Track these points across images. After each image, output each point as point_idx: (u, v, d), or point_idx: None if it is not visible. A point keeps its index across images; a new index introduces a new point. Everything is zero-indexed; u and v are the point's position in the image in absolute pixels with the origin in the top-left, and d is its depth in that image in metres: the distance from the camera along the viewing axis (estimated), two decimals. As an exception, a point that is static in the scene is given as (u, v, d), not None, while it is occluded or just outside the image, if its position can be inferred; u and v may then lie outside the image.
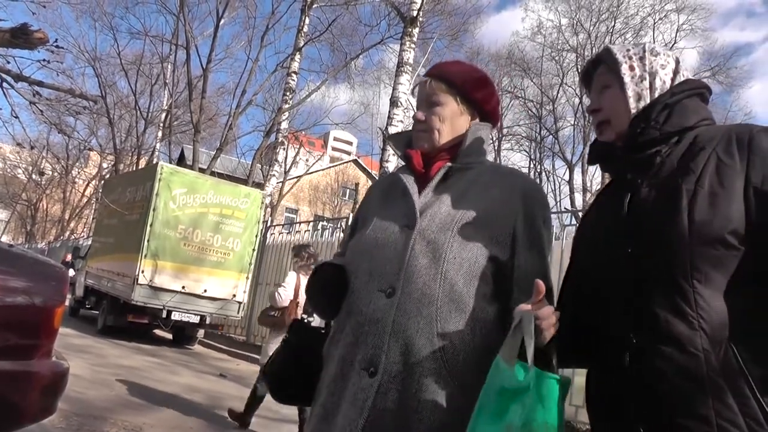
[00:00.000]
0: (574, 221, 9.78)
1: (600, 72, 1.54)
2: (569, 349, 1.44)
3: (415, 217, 1.55)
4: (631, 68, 1.47)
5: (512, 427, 1.25)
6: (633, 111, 1.44)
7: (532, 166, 32.85)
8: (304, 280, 5.76)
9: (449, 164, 1.64)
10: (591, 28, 29.97)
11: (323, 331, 1.74)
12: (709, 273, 1.23)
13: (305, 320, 1.82)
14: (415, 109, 1.74)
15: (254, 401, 5.97)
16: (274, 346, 5.15)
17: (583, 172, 29.49)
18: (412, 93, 1.93)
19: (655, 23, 29.00)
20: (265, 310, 6.17)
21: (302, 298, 5.62)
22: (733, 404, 1.17)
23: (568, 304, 1.48)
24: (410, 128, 1.79)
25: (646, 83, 1.45)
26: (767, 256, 1.21)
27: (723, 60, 28.40)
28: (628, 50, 1.50)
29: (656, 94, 1.44)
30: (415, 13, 12.73)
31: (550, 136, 31.56)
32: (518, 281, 1.53)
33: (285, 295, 5.85)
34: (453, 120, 1.67)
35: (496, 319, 1.52)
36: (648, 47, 1.49)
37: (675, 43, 28.80)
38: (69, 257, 20.36)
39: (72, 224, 40.57)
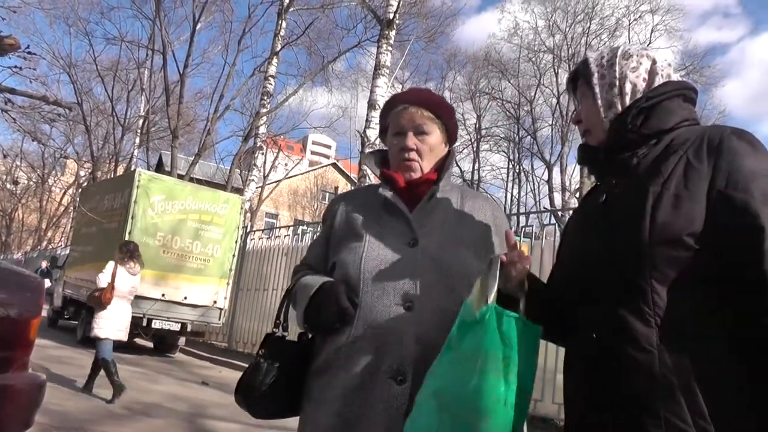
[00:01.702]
0: (553, 220, 9.85)
1: (580, 83, 1.57)
2: (549, 328, 1.50)
3: (416, 235, 1.67)
4: (602, 77, 1.49)
5: (464, 355, 1.36)
6: (605, 119, 1.47)
7: (510, 166, 33.04)
8: (121, 269, 7.40)
9: (434, 186, 1.76)
10: (567, 29, 30.20)
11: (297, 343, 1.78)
12: (667, 273, 1.27)
13: (277, 334, 1.78)
14: (395, 132, 1.80)
15: (96, 368, 7.23)
16: (100, 320, 7.25)
17: (562, 172, 29.69)
18: (383, 116, 1.94)
19: (630, 24, 29.30)
20: (91, 291, 7.57)
21: (119, 283, 7.24)
22: (681, 400, 1.21)
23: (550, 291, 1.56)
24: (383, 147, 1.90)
25: (616, 90, 1.47)
26: (721, 257, 1.24)
27: (697, 59, 28.74)
28: (602, 57, 1.52)
29: (627, 99, 1.46)
30: (391, 16, 12.73)
31: (529, 137, 31.73)
32: None
33: (104, 278, 7.30)
34: (436, 148, 1.80)
35: None
36: (621, 51, 1.50)
37: (650, 43, 29.07)
38: (44, 264, 20.10)
39: (49, 234, 40.08)
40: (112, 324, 7.17)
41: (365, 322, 1.62)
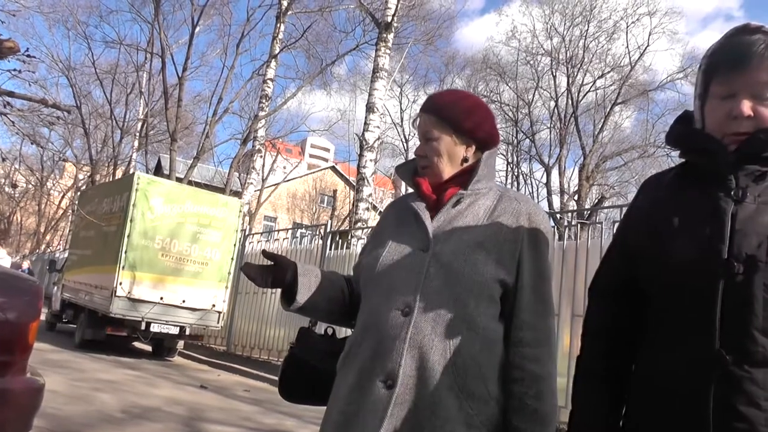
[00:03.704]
0: (552, 223, 9.86)
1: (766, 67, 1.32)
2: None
3: (429, 241, 1.67)
4: None
5: None
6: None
7: (509, 169, 33.06)
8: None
9: (461, 191, 1.75)
10: (565, 32, 30.32)
11: (323, 336, 1.90)
12: None
13: (310, 327, 1.92)
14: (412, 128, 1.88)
15: None
16: None
17: (560, 175, 29.73)
18: (413, 125, 2.04)
19: (628, 26, 29.38)
20: None
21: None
22: None
23: (614, 293, 1.49)
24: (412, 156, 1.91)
25: None
26: None
27: (694, 62, 28.72)
28: None
29: None
30: (389, 19, 12.75)
31: (527, 140, 31.77)
32: (521, 303, 1.65)
33: None
34: (450, 152, 1.77)
35: (502, 338, 1.65)
36: None
37: (648, 46, 29.18)
38: (26, 265, 20.03)
39: (48, 237, 40.06)
40: None
41: (365, 325, 1.67)
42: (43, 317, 15.04)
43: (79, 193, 25.61)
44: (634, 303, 1.45)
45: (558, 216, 13.66)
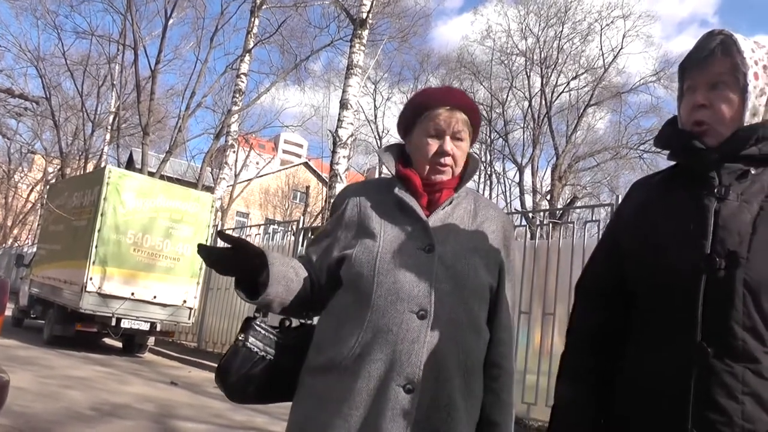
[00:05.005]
0: (524, 222, 9.95)
1: (721, 64, 1.39)
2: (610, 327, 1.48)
3: (433, 241, 1.65)
4: (756, 76, 1.37)
5: None
6: (745, 125, 1.37)
7: (482, 168, 33.22)
8: None
9: (456, 194, 1.77)
10: (539, 32, 30.51)
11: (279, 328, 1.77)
12: None
13: (258, 319, 1.75)
14: (431, 134, 1.73)
15: None
16: None
17: (533, 174, 29.97)
18: (419, 112, 1.87)
19: (602, 29, 29.65)
20: None
21: None
22: None
23: (600, 292, 1.52)
24: (393, 142, 1.89)
25: (764, 99, 1.38)
26: None
27: (667, 65, 29.15)
28: (753, 51, 1.38)
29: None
30: (364, 15, 12.72)
31: (500, 139, 31.96)
32: (501, 305, 1.73)
33: None
34: (465, 155, 1.78)
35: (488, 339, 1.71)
36: None
37: (621, 48, 29.50)
38: None
39: (15, 231, 39.35)
40: None
41: (376, 326, 1.58)
42: (9, 313, 14.82)
43: (48, 187, 25.19)
44: (621, 304, 1.48)
45: (530, 215, 13.79)
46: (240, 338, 1.71)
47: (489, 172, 33.05)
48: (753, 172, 1.35)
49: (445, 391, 1.57)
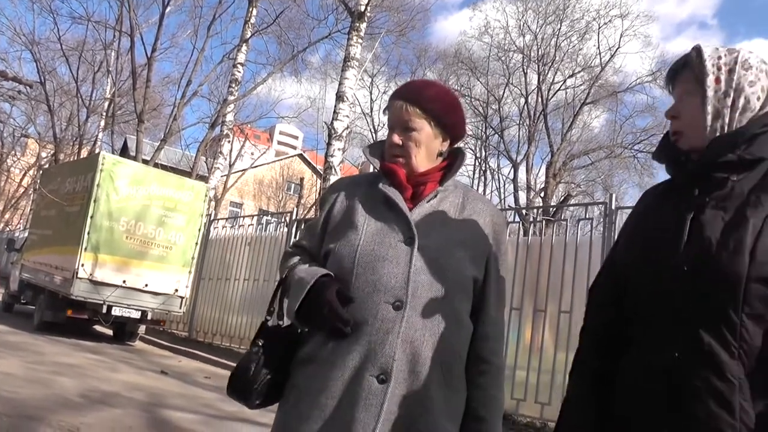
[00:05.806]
0: (517, 218, 9.96)
1: (685, 76, 1.47)
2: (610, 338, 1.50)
3: (414, 234, 1.66)
4: (717, 80, 1.40)
5: None
6: (708, 128, 1.40)
7: (477, 164, 33.26)
8: None
9: (440, 188, 1.77)
10: (537, 29, 30.50)
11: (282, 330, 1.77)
12: (758, 309, 1.27)
13: (269, 322, 1.77)
14: (386, 125, 1.81)
15: None
16: None
17: (527, 171, 30.01)
18: (384, 112, 1.96)
19: (599, 27, 29.67)
20: None
21: None
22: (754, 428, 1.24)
23: (607, 295, 1.54)
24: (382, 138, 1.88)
25: (729, 100, 1.40)
26: None
27: (664, 66, 29.15)
28: (719, 58, 1.42)
29: (737, 114, 1.39)
30: (362, 8, 12.68)
31: (496, 135, 31.96)
32: (488, 299, 1.73)
33: None
34: (428, 144, 1.77)
35: (472, 331, 1.71)
36: (741, 58, 1.42)
37: (619, 47, 29.53)
38: None
39: (7, 215, 39.17)
40: None
41: (352, 318, 1.60)
42: None
43: (41, 172, 25.07)
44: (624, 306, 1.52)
45: (524, 212, 13.79)
46: (257, 342, 1.74)
47: (484, 168, 33.11)
48: (735, 178, 1.38)
49: (420, 384, 1.57)
